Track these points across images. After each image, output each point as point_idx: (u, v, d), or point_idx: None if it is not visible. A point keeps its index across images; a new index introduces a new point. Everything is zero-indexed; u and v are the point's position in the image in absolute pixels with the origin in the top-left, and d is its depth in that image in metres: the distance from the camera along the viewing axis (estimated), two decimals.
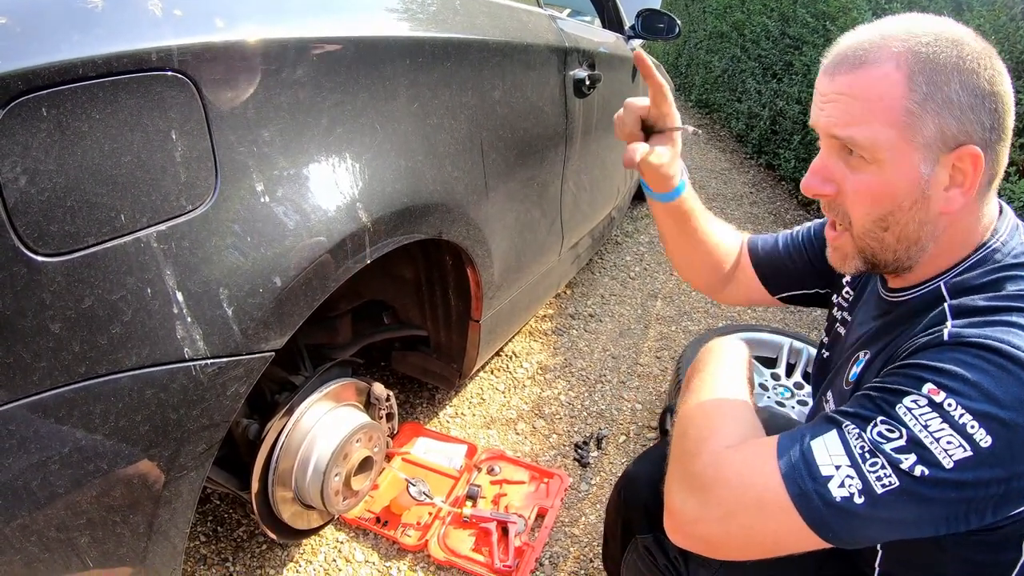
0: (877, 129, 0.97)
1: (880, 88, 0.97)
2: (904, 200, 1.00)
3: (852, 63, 1.00)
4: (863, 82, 0.98)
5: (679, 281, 4.16)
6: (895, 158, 0.98)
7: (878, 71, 0.97)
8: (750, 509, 0.93)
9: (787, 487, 0.90)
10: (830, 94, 1.02)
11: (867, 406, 0.92)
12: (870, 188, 1.01)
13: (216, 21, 1.13)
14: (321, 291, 1.35)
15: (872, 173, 1.00)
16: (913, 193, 0.99)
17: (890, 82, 0.96)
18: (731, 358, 1.26)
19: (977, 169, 0.96)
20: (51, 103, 0.91)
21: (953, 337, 0.91)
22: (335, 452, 1.73)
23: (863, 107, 0.98)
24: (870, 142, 0.98)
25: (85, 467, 1.03)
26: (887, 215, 1.02)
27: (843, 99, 1.00)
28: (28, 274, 0.92)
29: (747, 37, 6.98)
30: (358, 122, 1.42)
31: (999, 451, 0.82)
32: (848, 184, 1.04)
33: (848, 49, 1.02)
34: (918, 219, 1.01)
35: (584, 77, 2.58)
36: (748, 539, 0.95)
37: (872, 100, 0.97)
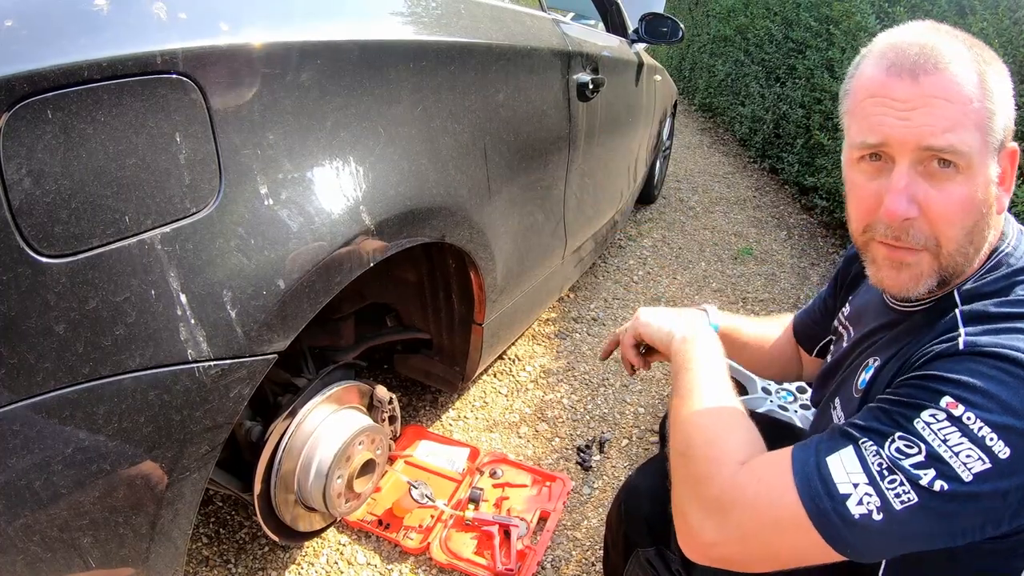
0: (971, 133, 0.93)
1: (968, 90, 0.93)
2: (985, 206, 0.98)
3: (934, 64, 0.94)
4: (951, 84, 0.93)
5: (682, 285, 4.16)
6: (980, 163, 0.95)
7: (962, 71, 0.94)
8: (769, 529, 0.93)
9: (805, 506, 0.89)
10: (917, 98, 0.95)
11: (884, 420, 0.91)
12: (962, 200, 0.96)
13: (221, 24, 1.13)
14: (325, 294, 1.35)
15: (962, 183, 0.95)
16: (989, 198, 0.98)
17: (971, 83, 0.93)
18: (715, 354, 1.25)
19: (1014, 166, 0.97)
20: (56, 105, 0.92)
21: (968, 346, 0.90)
22: (338, 454, 1.73)
23: (958, 111, 0.93)
24: (968, 147, 0.93)
25: (88, 468, 1.03)
26: (973, 226, 0.98)
27: (936, 103, 0.93)
28: (33, 275, 0.92)
29: (750, 41, 6.98)
30: (362, 125, 1.42)
31: (1017, 461, 0.82)
32: (936, 203, 0.96)
33: (918, 50, 0.96)
34: (989, 223, 1.00)
35: (588, 81, 2.58)
36: (767, 556, 0.95)
37: (964, 102, 0.93)
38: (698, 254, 4.63)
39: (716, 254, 4.65)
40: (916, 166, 0.96)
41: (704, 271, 4.37)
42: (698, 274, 4.32)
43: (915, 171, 0.97)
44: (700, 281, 4.22)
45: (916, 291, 1.04)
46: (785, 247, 4.83)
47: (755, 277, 4.32)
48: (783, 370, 1.68)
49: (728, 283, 4.22)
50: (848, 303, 1.38)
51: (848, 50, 4.67)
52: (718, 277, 4.30)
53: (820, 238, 4.96)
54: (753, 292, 4.11)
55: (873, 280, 1.10)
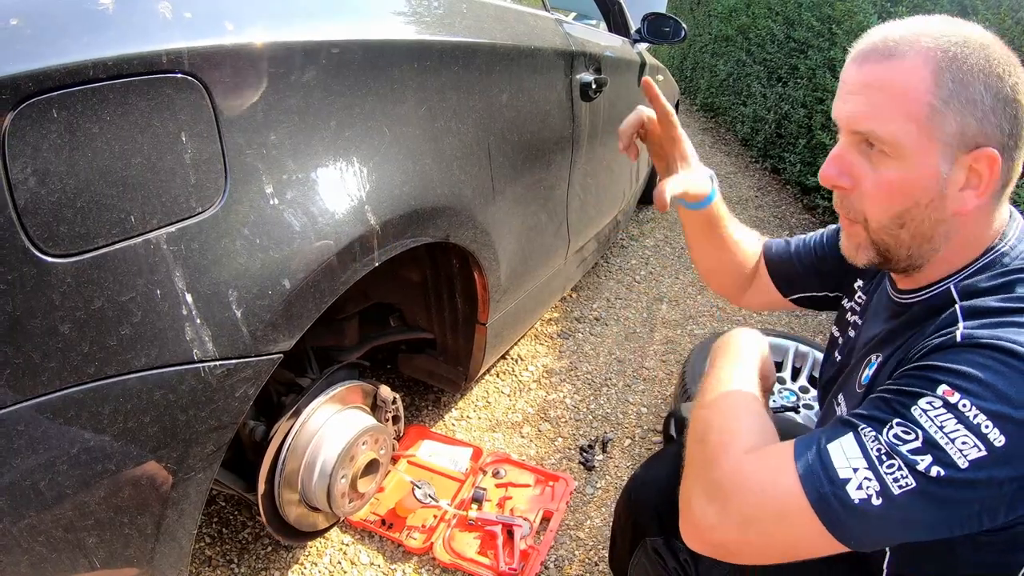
0: (900, 124, 0.97)
1: (907, 81, 0.97)
2: (922, 197, 1.00)
3: (881, 54, 1.00)
4: (890, 74, 0.98)
5: (685, 285, 4.16)
6: (916, 154, 0.98)
7: (906, 64, 0.97)
8: (769, 515, 0.93)
9: (805, 491, 0.90)
10: (856, 84, 1.02)
11: (883, 408, 0.92)
12: (890, 184, 1.01)
13: (226, 24, 1.13)
14: (330, 294, 1.35)
15: (892, 168, 1.00)
16: (931, 191, 0.99)
17: (917, 77, 0.96)
18: (746, 353, 1.26)
19: (993, 172, 0.97)
20: (61, 105, 0.91)
21: (966, 338, 0.92)
22: (341, 454, 1.73)
23: (888, 100, 0.98)
24: (891, 136, 0.98)
25: (93, 468, 1.03)
26: (904, 212, 1.02)
27: (869, 91, 1.00)
28: (38, 275, 0.92)
29: (752, 41, 6.98)
30: (367, 125, 1.42)
31: (1013, 450, 0.83)
32: (867, 180, 1.03)
33: (879, 40, 1.02)
34: (933, 217, 1.01)
35: (590, 81, 2.58)
36: (767, 545, 0.95)
37: (897, 93, 0.97)
38: None
39: None
40: (858, 144, 1.04)
41: None
42: None
43: (856, 148, 1.05)
44: (702, 281, 4.21)
45: (858, 260, 1.12)
46: None
47: None
48: (731, 286, 1.67)
49: None
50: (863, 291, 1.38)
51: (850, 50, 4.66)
52: None
53: None
54: None
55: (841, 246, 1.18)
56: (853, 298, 1.41)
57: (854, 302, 1.39)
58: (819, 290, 1.55)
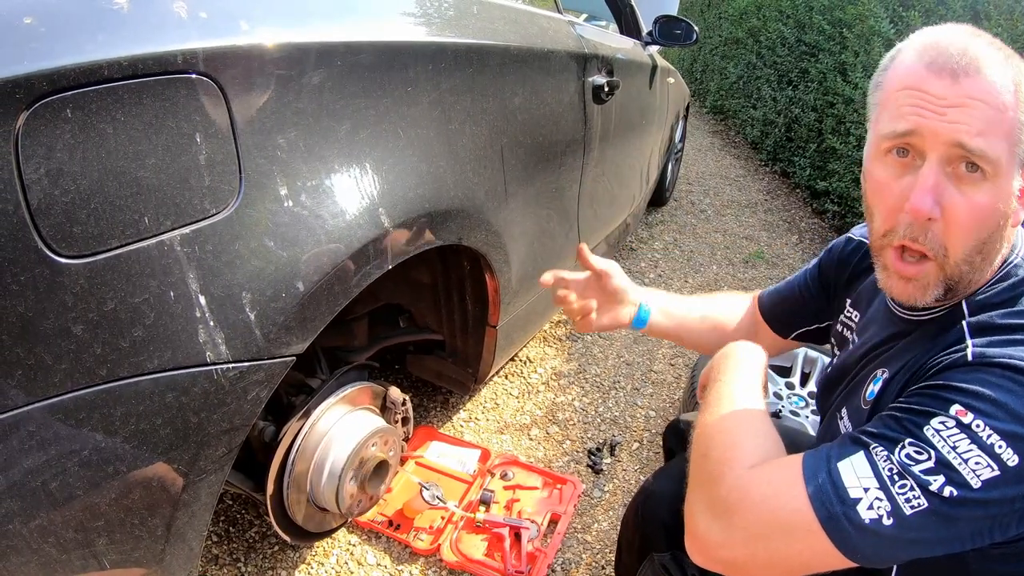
0: (1000, 141, 0.92)
1: (1005, 99, 0.92)
2: (1002, 218, 0.97)
3: (975, 67, 0.93)
4: (992, 88, 0.92)
5: (694, 288, 4.15)
6: (1006, 173, 0.94)
7: (1000, 81, 0.92)
8: (777, 532, 0.92)
9: (815, 510, 0.89)
10: (954, 97, 0.93)
11: (894, 427, 0.92)
12: (982, 208, 0.95)
13: (241, 24, 1.13)
14: (343, 296, 1.34)
15: (986, 190, 0.94)
16: (1008, 210, 0.97)
17: (1010, 93, 0.92)
18: (747, 365, 1.23)
19: None
20: (75, 104, 0.91)
21: (977, 357, 0.91)
22: (351, 456, 1.72)
23: (992, 116, 0.92)
24: (996, 154, 0.92)
25: (104, 469, 1.03)
26: (988, 237, 0.97)
27: (975, 104, 0.92)
28: (51, 276, 0.92)
29: (763, 44, 6.96)
30: (380, 127, 1.42)
31: None
32: (957, 206, 0.95)
33: (960, 51, 0.94)
34: (1002, 237, 0.99)
35: (603, 83, 2.57)
36: (774, 562, 0.94)
37: (999, 109, 0.92)
38: (709, 257, 4.62)
39: (727, 257, 4.63)
40: (945, 166, 0.95)
41: (715, 274, 4.36)
42: (709, 277, 4.31)
43: (943, 171, 0.95)
44: (711, 284, 4.21)
45: (923, 300, 1.04)
46: (796, 251, 4.82)
47: (766, 281, 4.31)
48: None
49: (739, 286, 4.20)
50: (850, 305, 1.38)
51: (861, 54, 4.66)
52: (729, 280, 4.28)
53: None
54: None
55: (882, 285, 1.10)
56: (841, 316, 1.41)
57: (846, 319, 1.39)
58: (812, 323, 1.56)
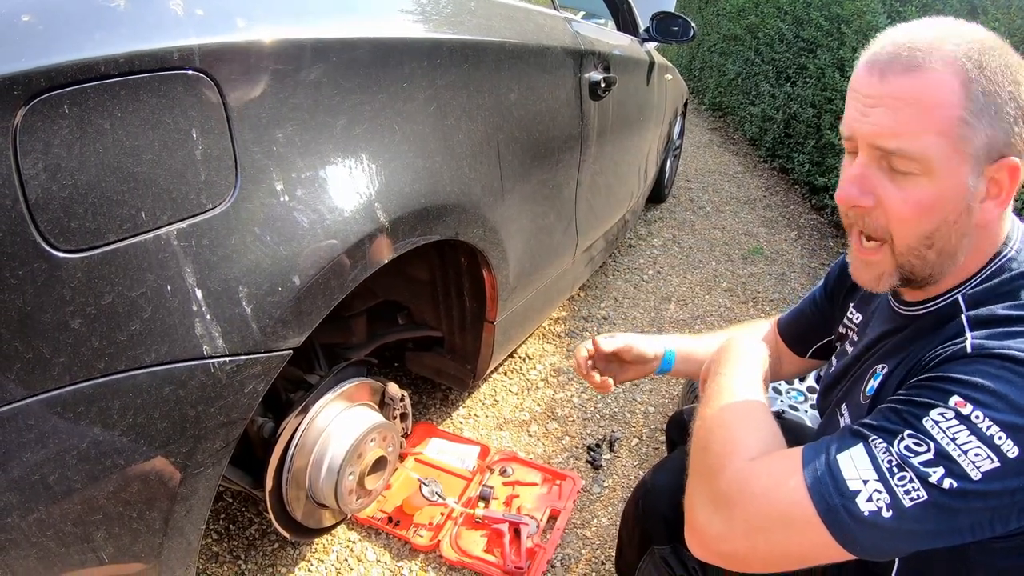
0: (930, 139, 0.92)
1: (938, 96, 0.92)
2: (951, 214, 0.97)
3: (907, 65, 0.94)
4: (919, 87, 0.93)
5: (692, 284, 4.15)
6: (946, 169, 0.94)
7: (936, 76, 0.92)
8: (776, 525, 0.92)
9: (814, 502, 0.89)
10: (879, 97, 0.96)
11: (893, 419, 0.92)
12: (919, 202, 0.96)
13: (237, 20, 1.14)
14: (339, 290, 1.35)
15: (921, 186, 0.96)
16: (959, 206, 0.97)
17: (948, 89, 0.92)
18: (748, 359, 1.24)
19: (1014, 181, 0.95)
20: (73, 100, 0.92)
21: (976, 349, 0.91)
22: (349, 451, 1.73)
23: (917, 114, 0.93)
24: (921, 152, 0.93)
25: (102, 463, 1.04)
26: (934, 231, 0.98)
27: (895, 103, 0.94)
28: (49, 270, 0.92)
29: (761, 40, 6.96)
30: (377, 122, 1.42)
31: None
32: (892, 198, 0.98)
33: (898, 48, 0.96)
34: (960, 232, 0.99)
35: (599, 80, 2.58)
36: (774, 554, 0.94)
37: (929, 108, 0.92)
38: (708, 253, 4.62)
39: (726, 253, 4.64)
40: (879, 160, 0.98)
41: (714, 270, 4.36)
42: (708, 274, 4.31)
43: (876, 164, 0.99)
44: (710, 280, 4.21)
45: (877, 288, 1.08)
46: (795, 247, 4.82)
47: (765, 277, 4.31)
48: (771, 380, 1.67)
49: (738, 283, 4.21)
50: (853, 308, 1.38)
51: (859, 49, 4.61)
52: (728, 277, 4.29)
53: (830, 238, 4.94)
54: (764, 292, 4.10)
55: (851, 270, 1.13)
56: (844, 319, 1.41)
57: (848, 320, 1.39)
58: (824, 337, 1.55)
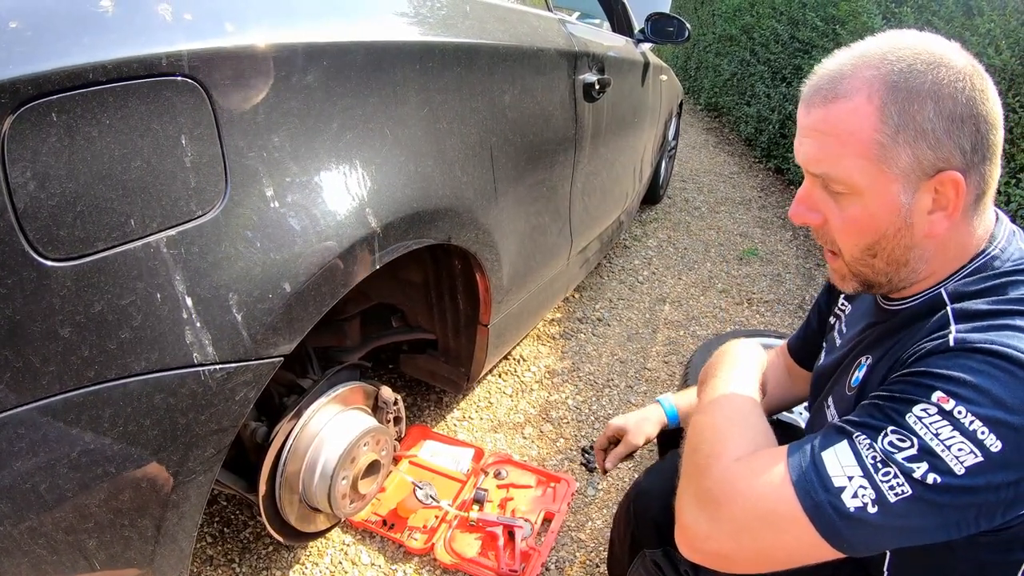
0: (852, 163, 0.98)
1: (851, 123, 0.97)
2: (888, 229, 1.01)
3: (824, 96, 1.01)
4: (834, 117, 0.99)
5: (687, 285, 4.15)
6: (873, 189, 0.99)
7: (848, 105, 0.98)
8: (762, 523, 0.92)
9: (800, 499, 0.89)
10: (805, 128, 1.04)
11: (876, 415, 0.92)
12: (855, 219, 1.03)
13: (226, 25, 1.13)
14: (330, 296, 1.35)
15: (854, 204, 1.02)
16: (896, 221, 1.00)
17: (861, 115, 0.97)
18: (744, 363, 1.25)
19: (959, 193, 0.97)
20: (61, 108, 0.91)
21: (959, 343, 0.91)
22: (343, 456, 1.73)
23: (835, 142, 0.99)
24: (846, 176, 1.00)
25: (93, 471, 1.03)
26: (873, 244, 1.03)
27: (816, 134, 1.02)
28: (38, 279, 0.92)
29: (756, 41, 6.97)
30: (368, 127, 1.42)
31: (1009, 455, 0.83)
32: (833, 216, 1.05)
33: (822, 80, 1.03)
34: (904, 244, 1.02)
35: (594, 81, 2.58)
36: (761, 553, 0.94)
37: (843, 135, 0.98)
38: (703, 254, 4.63)
39: (721, 254, 4.64)
40: (819, 183, 1.06)
41: (709, 272, 4.37)
42: (703, 275, 4.32)
43: (819, 186, 1.06)
44: (705, 282, 4.22)
45: (843, 288, 1.15)
46: (790, 248, 4.83)
47: (761, 278, 4.32)
48: (780, 400, 1.68)
49: (733, 284, 4.21)
50: (842, 307, 1.39)
51: None
52: (723, 278, 4.29)
53: None
54: (759, 293, 4.10)
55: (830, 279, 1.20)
56: (835, 309, 1.42)
57: (838, 310, 1.41)
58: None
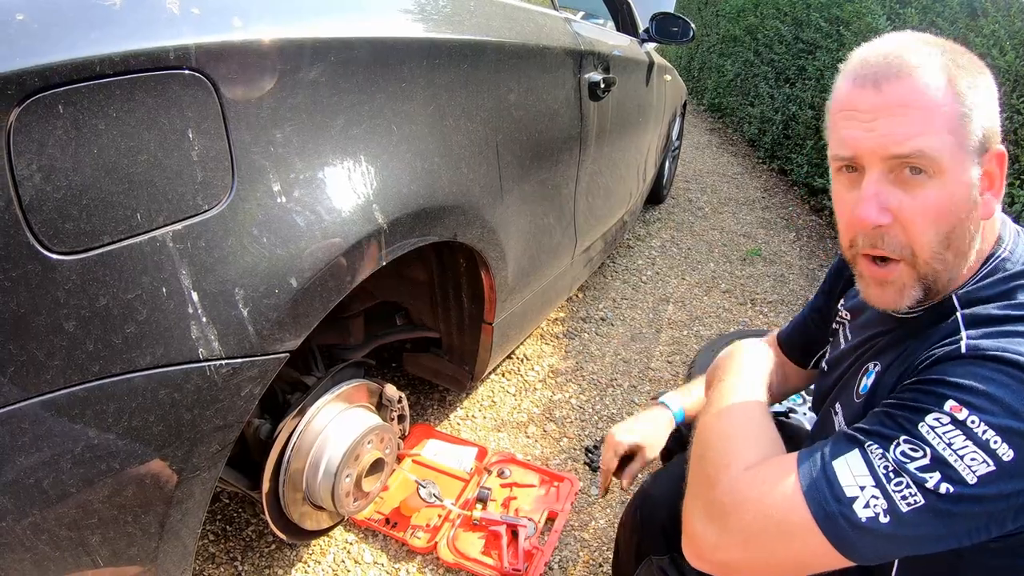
0: (938, 139, 0.94)
1: (934, 96, 0.94)
2: (963, 212, 0.97)
3: (896, 72, 0.95)
4: (916, 90, 0.94)
5: (691, 285, 4.15)
6: (954, 167, 0.95)
7: (925, 78, 0.94)
8: (773, 532, 0.92)
9: (811, 509, 0.89)
10: (880, 107, 0.96)
11: (888, 424, 0.91)
12: (936, 205, 0.96)
13: (234, 20, 1.13)
14: (337, 292, 1.34)
15: (935, 188, 0.96)
16: (968, 204, 0.97)
17: (939, 88, 0.94)
18: (751, 366, 1.24)
19: (1003, 169, 0.98)
20: (68, 100, 0.91)
21: (971, 350, 0.91)
22: (347, 453, 1.72)
23: (921, 116, 0.94)
24: (937, 152, 0.94)
25: (97, 466, 1.03)
26: (950, 232, 0.98)
27: (899, 110, 0.95)
28: (43, 272, 0.92)
29: (760, 41, 6.96)
30: (375, 123, 1.42)
31: (1021, 463, 0.82)
32: (908, 209, 0.97)
33: (881, 59, 0.97)
34: (972, 230, 1.00)
35: (599, 80, 2.57)
36: (770, 563, 0.94)
37: (928, 108, 0.94)
38: (707, 255, 4.62)
39: (725, 255, 4.63)
40: (887, 174, 0.98)
41: (713, 272, 4.36)
42: (707, 275, 4.31)
43: (887, 179, 0.98)
44: (709, 282, 4.21)
45: (901, 305, 1.05)
46: (794, 248, 4.82)
47: (764, 278, 4.31)
48: (780, 395, 1.67)
49: (737, 284, 4.20)
50: (843, 307, 1.38)
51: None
52: (727, 278, 4.28)
53: (829, 240, 4.94)
54: (762, 293, 4.10)
55: (863, 295, 1.11)
56: (836, 316, 1.41)
57: (840, 317, 1.39)
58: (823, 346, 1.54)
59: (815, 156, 5.34)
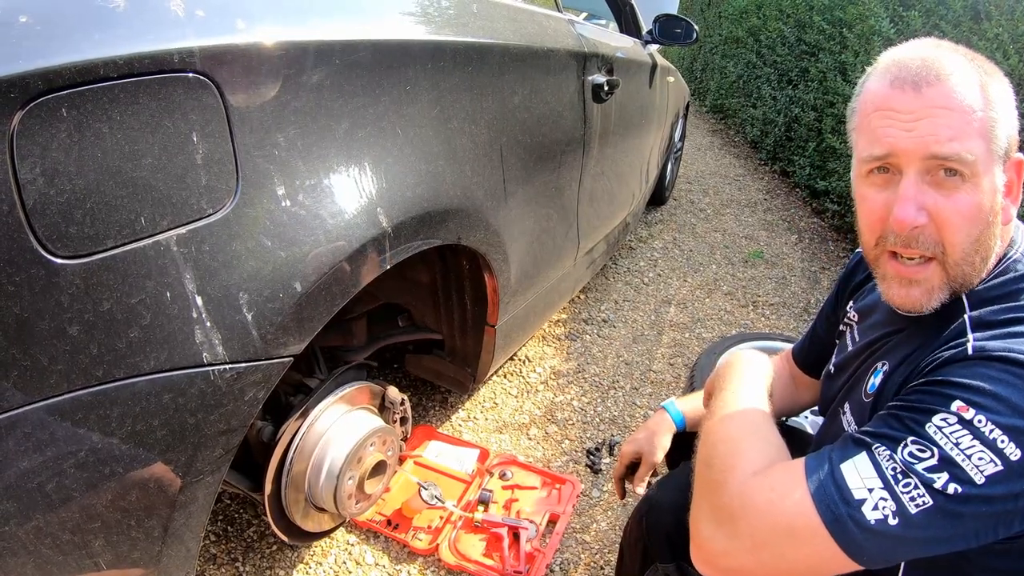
0: (975, 143, 0.95)
1: (970, 99, 0.95)
2: (990, 215, 0.99)
3: (936, 75, 0.96)
4: (956, 93, 0.95)
5: (693, 287, 4.14)
6: (985, 172, 0.97)
7: (964, 82, 0.96)
8: (781, 537, 0.91)
9: (820, 512, 0.89)
10: (920, 109, 0.97)
11: (895, 426, 0.91)
12: (969, 208, 0.97)
13: (238, 22, 1.12)
14: (341, 296, 1.34)
15: (968, 191, 0.97)
16: (994, 208, 0.99)
17: (975, 93, 0.95)
18: (752, 373, 1.24)
19: (1020, 176, 0.99)
20: (71, 103, 0.91)
21: (978, 351, 0.91)
22: (349, 456, 1.72)
23: (960, 119, 0.95)
24: (972, 156, 0.95)
25: (101, 470, 1.03)
26: (979, 235, 0.99)
27: (940, 112, 0.95)
28: (46, 276, 0.91)
29: (763, 43, 6.95)
30: (379, 126, 1.41)
31: None
32: (944, 210, 0.98)
33: (920, 62, 0.99)
34: (996, 234, 1.01)
35: (603, 82, 2.57)
36: (780, 567, 0.93)
37: (966, 111, 0.95)
38: (709, 256, 4.62)
39: (727, 257, 4.63)
40: (924, 175, 0.98)
41: (715, 274, 4.35)
42: (709, 277, 4.30)
43: (923, 180, 0.98)
44: (711, 284, 4.21)
45: (928, 306, 1.04)
46: (796, 250, 4.81)
47: (766, 280, 4.30)
48: (789, 406, 1.66)
49: (739, 286, 4.20)
50: (852, 308, 1.38)
51: (861, 54, 4.65)
52: (729, 280, 4.28)
53: (831, 242, 4.94)
54: (764, 295, 4.09)
55: (884, 296, 1.11)
56: (844, 317, 1.41)
57: (848, 318, 1.39)
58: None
59: (817, 158, 5.34)
